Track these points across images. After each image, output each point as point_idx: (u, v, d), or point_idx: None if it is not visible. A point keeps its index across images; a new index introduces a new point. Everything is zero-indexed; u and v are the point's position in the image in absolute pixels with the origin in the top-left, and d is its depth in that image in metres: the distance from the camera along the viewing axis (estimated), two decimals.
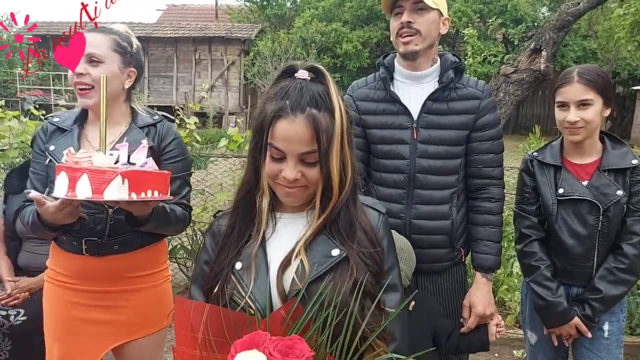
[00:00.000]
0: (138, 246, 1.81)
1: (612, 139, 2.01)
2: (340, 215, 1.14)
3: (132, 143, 1.71)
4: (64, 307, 1.81)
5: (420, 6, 1.84)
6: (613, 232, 1.92)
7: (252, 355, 0.91)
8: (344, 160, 1.12)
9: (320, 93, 1.08)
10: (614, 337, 1.98)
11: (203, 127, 14.94)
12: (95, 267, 1.78)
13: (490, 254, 1.93)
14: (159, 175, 1.54)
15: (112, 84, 1.73)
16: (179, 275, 4.49)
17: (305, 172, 1.09)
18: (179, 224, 1.82)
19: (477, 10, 17.85)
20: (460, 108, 1.91)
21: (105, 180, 1.37)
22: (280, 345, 0.92)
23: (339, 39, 17.76)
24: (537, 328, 2.09)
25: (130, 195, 1.40)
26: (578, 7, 4.56)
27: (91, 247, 1.76)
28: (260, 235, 1.16)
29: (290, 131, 1.06)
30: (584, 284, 1.96)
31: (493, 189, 1.96)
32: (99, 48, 1.73)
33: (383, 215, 1.23)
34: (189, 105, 11.94)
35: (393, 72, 1.96)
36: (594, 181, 1.92)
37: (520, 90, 4.49)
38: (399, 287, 1.20)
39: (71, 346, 1.81)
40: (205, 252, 1.23)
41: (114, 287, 1.80)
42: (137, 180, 1.43)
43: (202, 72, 19.82)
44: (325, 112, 1.08)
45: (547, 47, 4.41)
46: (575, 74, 1.89)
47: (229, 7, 23.46)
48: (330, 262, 1.11)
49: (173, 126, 1.89)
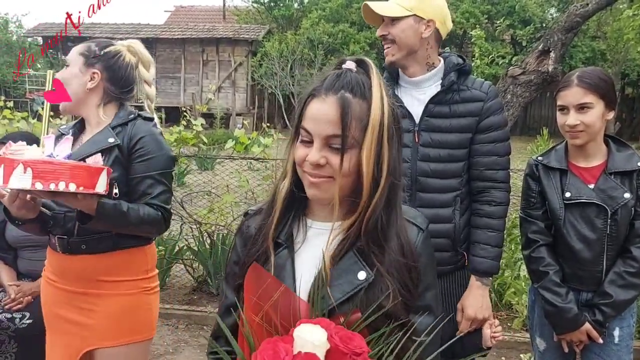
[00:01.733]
0: (109, 249, 1.79)
1: (617, 141, 1.99)
2: (374, 224, 1.04)
3: (99, 142, 1.78)
4: (50, 302, 1.88)
5: (391, 17, 1.84)
6: (622, 235, 1.90)
7: (315, 329, 0.91)
8: (380, 157, 1.03)
9: (360, 81, 1.03)
10: (624, 342, 1.96)
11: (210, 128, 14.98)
12: (69, 265, 1.81)
13: (487, 258, 1.90)
14: (77, 167, 1.49)
15: (71, 84, 1.82)
16: (185, 276, 4.50)
17: (330, 158, 1.02)
18: (145, 225, 1.76)
19: (485, 11, 17.79)
20: (463, 111, 1.89)
21: (12, 169, 1.41)
22: (342, 333, 0.92)
23: (346, 40, 17.76)
24: (546, 334, 2.07)
25: (34, 185, 1.42)
26: (587, 8, 4.52)
27: (62, 245, 1.80)
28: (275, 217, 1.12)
29: (319, 110, 1.02)
30: (593, 289, 1.94)
31: (495, 192, 1.92)
32: (71, 53, 1.85)
33: (423, 231, 1.13)
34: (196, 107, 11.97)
35: (398, 76, 1.96)
36: (601, 184, 1.90)
37: (528, 92, 4.45)
38: (434, 311, 1.11)
39: (55, 341, 1.87)
40: (234, 252, 1.20)
41: (85, 289, 1.81)
42: (44, 170, 1.43)
43: (210, 73, 19.87)
44: (361, 100, 1.02)
45: (555, 48, 4.37)
46: (575, 78, 1.88)
47: (237, 8, 23.54)
48: (355, 288, 1.02)
49: (146, 124, 1.84)
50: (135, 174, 1.78)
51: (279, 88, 16.66)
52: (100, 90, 1.85)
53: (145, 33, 19.40)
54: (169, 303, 4.09)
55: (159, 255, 4.22)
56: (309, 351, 0.88)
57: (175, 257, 4.36)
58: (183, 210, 4.21)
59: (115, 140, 1.77)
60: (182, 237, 4.41)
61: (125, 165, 1.78)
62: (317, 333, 0.91)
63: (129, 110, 1.90)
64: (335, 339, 0.90)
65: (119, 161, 1.77)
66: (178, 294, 4.31)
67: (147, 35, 19.29)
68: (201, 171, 7.24)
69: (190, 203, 4.85)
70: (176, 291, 4.36)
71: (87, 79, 1.82)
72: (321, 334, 0.91)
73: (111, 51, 1.86)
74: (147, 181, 1.78)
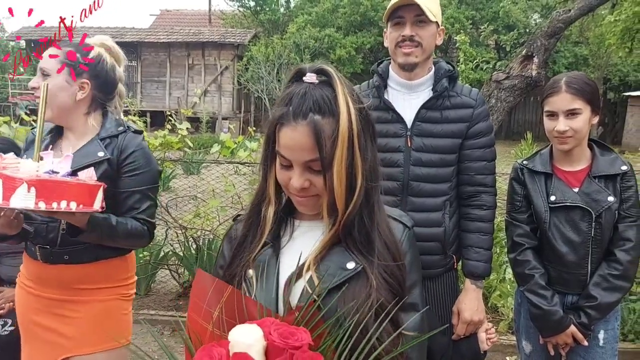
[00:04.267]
0: (92, 260, 1.78)
1: (601, 146, 2.01)
2: (355, 226, 1.06)
3: (89, 156, 1.73)
4: (25, 309, 1.84)
5: (421, 19, 1.84)
6: (606, 238, 1.91)
7: (250, 328, 0.90)
8: (353, 166, 1.03)
9: (325, 97, 1.02)
10: (609, 345, 1.97)
11: (196, 132, 14.91)
12: (48, 273, 1.78)
13: (481, 261, 1.94)
14: (80, 186, 1.47)
15: (59, 97, 1.74)
16: (170, 282, 4.46)
17: (313, 180, 1.04)
18: (131, 239, 1.76)
19: (470, 17, 17.98)
20: (454, 116, 1.91)
21: (14, 187, 1.35)
22: (282, 329, 0.90)
23: (332, 45, 17.81)
24: (532, 337, 2.08)
25: (37, 205, 1.37)
26: (569, 14, 4.58)
27: (43, 255, 1.77)
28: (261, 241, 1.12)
29: (292, 139, 1.01)
30: (578, 292, 1.96)
31: (485, 196, 1.96)
32: (48, 62, 1.75)
33: (409, 229, 1.15)
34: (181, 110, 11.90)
35: (387, 79, 1.96)
36: (585, 188, 1.92)
37: (512, 97, 4.50)
38: (420, 307, 1.12)
39: (31, 349, 1.84)
40: (221, 256, 1.20)
41: (64, 296, 1.78)
42: (48, 189, 1.39)
43: (195, 77, 19.80)
44: (330, 118, 1.01)
45: (539, 53, 4.43)
46: (563, 84, 1.89)
47: (223, 12, 23.47)
48: (345, 275, 1.04)
49: (137, 138, 1.83)
50: (124, 188, 1.76)
51: (266, 92, 16.65)
52: (88, 99, 1.80)
53: (131, 37, 19.27)
54: (154, 309, 4.04)
55: (144, 260, 4.18)
56: (241, 351, 0.86)
57: (160, 263, 4.32)
58: (168, 215, 4.17)
59: (105, 154, 1.74)
60: (168, 242, 4.37)
61: (113, 179, 1.74)
62: (251, 332, 0.90)
63: (117, 121, 1.84)
64: (272, 336, 0.88)
65: (108, 175, 1.73)
66: (163, 299, 4.27)
67: (132, 39, 19.17)
68: (187, 175, 7.20)
69: (175, 208, 4.81)
70: (161, 297, 4.32)
71: (75, 90, 1.76)
72: (256, 332, 0.89)
73: (95, 56, 1.80)
74: (136, 196, 1.77)
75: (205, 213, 4.31)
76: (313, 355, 0.88)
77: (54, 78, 1.73)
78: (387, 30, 1.93)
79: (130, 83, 19.80)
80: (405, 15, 1.85)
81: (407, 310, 1.08)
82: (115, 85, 1.88)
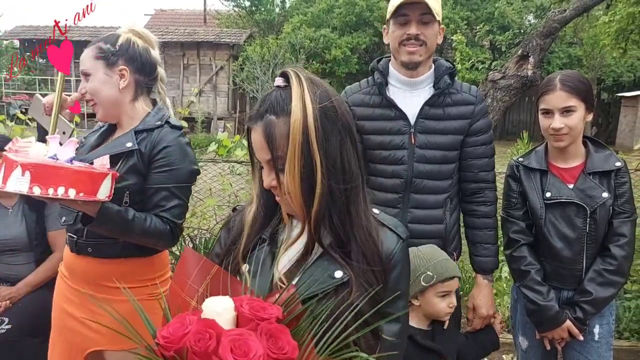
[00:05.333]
0: (115, 255, 1.73)
1: (595, 142, 2.03)
2: (325, 229, 1.06)
3: (117, 146, 1.71)
4: (59, 297, 1.85)
5: (426, 19, 1.85)
6: (601, 234, 1.93)
7: (221, 300, 0.92)
8: (311, 165, 1.02)
9: (280, 97, 1.04)
10: (604, 339, 1.99)
11: (192, 132, 14.89)
12: (76, 264, 1.78)
13: (490, 256, 1.99)
14: (79, 172, 1.41)
15: (104, 91, 1.73)
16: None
17: (281, 179, 1.06)
18: (149, 237, 1.68)
19: (465, 17, 18.02)
20: (456, 113, 1.93)
21: (11, 170, 1.34)
22: (254, 303, 0.92)
23: (327, 45, 17.81)
24: (529, 333, 2.10)
25: (31, 189, 1.34)
26: (564, 14, 4.61)
27: (72, 244, 1.78)
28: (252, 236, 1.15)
29: (254, 140, 1.08)
30: (574, 287, 1.98)
31: (488, 192, 2.01)
32: (85, 62, 1.74)
33: (402, 240, 1.13)
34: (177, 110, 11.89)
35: (387, 77, 1.97)
36: (580, 184, 1.94)
37: (508, 96, 4.52)
38: (402, 319, 1.13)
39: (57, 339, 1.83)
40: (218, 244, 1.22)
41: (93, 292, 1.75)
42: (43, 174, 1.34)
43: (191, 77, 19.74)
44: (285, 117, 1.03)
45: (534, 53, 4.45)
46: (558, 81, 1.91)
47: (218, 12, 23.43)
48: (331, 284, 1.04)
49: (173, 133, 1.75)
50: (152, 184, 1.70)
51: (261, 92, 16.63)
52: (132, 85, 1.77)
53: None
54: None
55: None
56: (210, 318, 0.88)
57: None
58: None
59: (133, 145, 1.69)
60: None
61: (143, 174, 1.70)
62: (223, 302, 0.92)
63: (159, 116, 1.79)
64: (243, 308, 0.90)
65: (137, 168, 1.69)
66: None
67: None
68: None
69: None
70: None
71: (116, 79, 1.74)
72: (227, 302, 0.92)
73: (124, 42, 1.76)
74: (162, 193, 1.69)
75: (202, 212, 4.30)
76: (279, 327, 0.89)
77: (95, 75, 1.73)
78: (390, 27, 1.92)
79: None
80: (411, 14, 1.85)
81: (390, 320, 1.08)
82: (154, 66, 1.84)
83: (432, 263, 1.71)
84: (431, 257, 1.73)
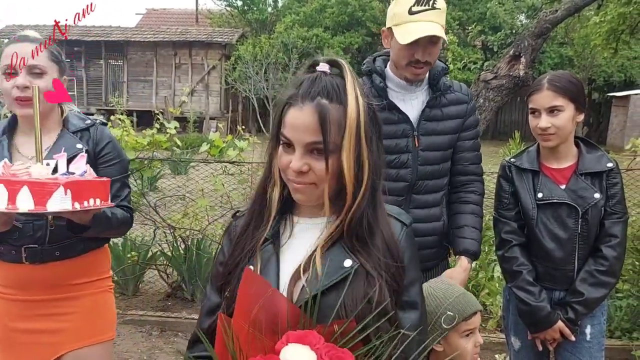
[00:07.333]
0: (80, 252, 1.80)
1: (587, 143, 2.04)
2: (359, 222, 1.06)
3: (68, 149, 1.69)
4: (4, 317, 1.78)
5: (435, 39, 1.82)
6: (592, 235, 1.94)
7: (303, 351, 0.90)
8: (360, 158, 1.04)
9: (335, 85, 1.04)
10: (596, 340, 2.00)
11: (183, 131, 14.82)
12: (37, 275, 1.75)
13: (476, 240, 2.00)
14: (99, 183, 1.56)
15: None
16: (159, 282, 4.42)
17: (312, 164, 1.03)
18: (121, 227, 1.83)
19: (457, 18, 18.06)
20: (453, 112, 1.98)
21: (47, 191, 1.37)
22: (331, 352, 0.91)
23: (320, 45, 17.80)
24: (521, 333, 2.10)
25: (73, 205, 1.41)
26: (556, 14, 4.63)
27: (31, 255, 1.73)
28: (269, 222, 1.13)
29: (297, 119, 1.03)
30: (566, 288, 1.98)
31: (477, 183, 2.07)
32: (40, 59, 1.71)
33: (407, 226, 1.14)
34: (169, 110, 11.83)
35: (386, 79, 1.96)
36: (572, 185, 1.94)
37: (500, 96, 4.53)
38: (419, 306, 1.12)
39: (10, 356, 1.80)
40: (221, 253, 1.20)
41: (56, 295, 1.77)
42: (79, 189, 1.44)
43: (182, 77, 19.66)
44: (338, 105, 1.03)
45: (526, 53, 4.47)
46: (546, 81, 1.92)
47: (210, 11, 23.35)
48: (342, 274, 1.03)
49: (106, 129, 1.89)
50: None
51: (253, 92, 16.59)
52: None
53: (116, 36, 19.10)
54: (143, 309, 4.01)
55: (132, 261, 4.15)
56: None
57: (148, 263, 4.28)
58: (156, 215, 4.14)
59: (84, 146, 1.78)
60: (156, 243, 4.33)
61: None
62: (305, 356, 0.90)
63: (79, 115, 1.88)
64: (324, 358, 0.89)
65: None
66: (151, 300, 4.24)
67: (118, 38, 19.00)
68: (174, 175, 7.15)
69: (163, 207, 4.78)
70: (150, 297, 4.29)
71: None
72: (309, 357, 0.90)
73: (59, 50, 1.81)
74: (117, 184, 1.82)
75: (194, 213, 4.28)
76: None
77: (50, 76, 1.71)
78: (394, 40, 1.86)
79: (116, 82, 19.64)
80: (420, 40, 1.80)
81: (406, 308, 1.09)
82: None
83: (450, 301, 1.51)
84: (447, 295, 1.52)
